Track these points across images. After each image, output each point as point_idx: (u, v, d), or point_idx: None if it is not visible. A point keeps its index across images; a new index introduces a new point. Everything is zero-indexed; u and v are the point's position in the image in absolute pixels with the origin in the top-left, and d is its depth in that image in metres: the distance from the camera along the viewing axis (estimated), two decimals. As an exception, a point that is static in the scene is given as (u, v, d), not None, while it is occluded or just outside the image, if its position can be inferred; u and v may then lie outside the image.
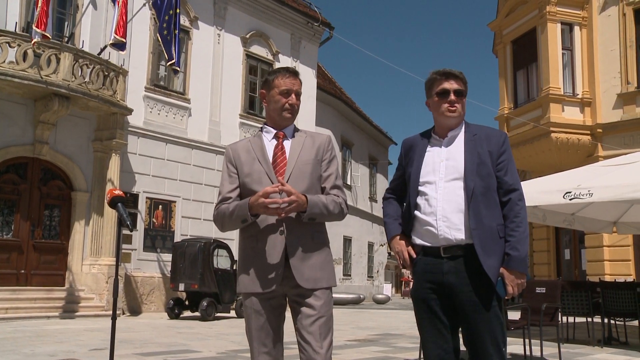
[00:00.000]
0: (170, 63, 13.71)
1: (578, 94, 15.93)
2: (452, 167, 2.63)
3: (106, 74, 13.57)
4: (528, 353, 6.05)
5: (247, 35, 18.46)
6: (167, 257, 14.87)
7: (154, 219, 15.50)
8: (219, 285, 13.13)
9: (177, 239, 15.47)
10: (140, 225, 15.10)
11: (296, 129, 2.73)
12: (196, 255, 13.18)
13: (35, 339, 8.19)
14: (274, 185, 2.45)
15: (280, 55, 19.44)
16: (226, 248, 14.02)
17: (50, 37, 11.95)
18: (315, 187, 2.60)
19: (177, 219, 16.03)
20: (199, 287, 12.99)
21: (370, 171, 30.41)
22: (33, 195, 13.37)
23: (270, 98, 2.67)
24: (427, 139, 2.77)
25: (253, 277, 2.53)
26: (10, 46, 12.08)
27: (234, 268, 13.77)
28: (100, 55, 13.75)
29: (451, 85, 2.66)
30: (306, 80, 18.32)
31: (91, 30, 14.37)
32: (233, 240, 14.98)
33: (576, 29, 16.19)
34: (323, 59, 68.72)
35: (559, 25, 16.08)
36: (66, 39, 13.82)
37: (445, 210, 2.58)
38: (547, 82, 15.75)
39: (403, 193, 2.89)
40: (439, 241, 2.59)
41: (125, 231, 13.13)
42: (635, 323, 8.54)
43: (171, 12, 13.56)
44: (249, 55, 18.58)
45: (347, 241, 27.06)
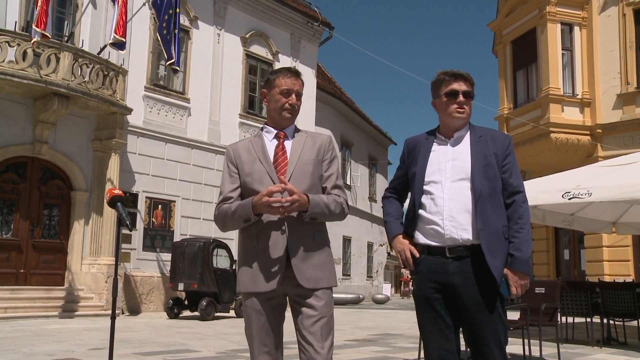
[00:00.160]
0: (169, 62, 13.72)
1: (578, 95, 15.94)
2: (459, 168, 2.64)
3: (106, 73, 13.57)
4: (527, 353, 6.05)
5: (247, 35, 18.46)
6: (167, 257, 14.87)
7: (153, 219, 15.50)
8: (218, 285, 13.13)
9: (177, 238, 15.47)
10: (140, 224, 15.10)
11: (297, 129, 2.73)
12: (195, 254, 13.18)
13: (35, 338, 8.18)
14: (277, 184, 2.46)
15: (280, 55, 19.44)
16: (225, 248, 14.02)
17: (50, 37, 11.93)
18: (316, 187, 2.60)
19: (177, 219, 16.02)
20: (198, 287, 12.99)
21: (369, 171, 30.42)
22: (32, 194, 13.36)
23: (270, 97, 2.67)
24: (432, 139, 2.77)
25: (254, 277, 2.53)
26: (9, 45, 12.07)
27: (234, 268, 13.77)
28: (100, 55, 13.74)
29: (460, 86, 2.68)
30: (306, 80, 18.16)
31: (91, 29, 14.37)
32: (232, 240, 14.98)
33: (576, 29, 16.20)
34: (323, 58, 68.75)
35: (558, 25, 16.09)
36: (66, 39, 13.82)
37: (451, 210, 2.59)
38: (547, 83, 15.76)
39: (404, 192, 2.89)
40: (444, 241, 2.59)
41: (125, 231, 13.14)
42: (634, 323, 8.54)
43: (171, 12, 13.56)
44: (249, 55, 18.58)
45: (347, 241, 27.07)
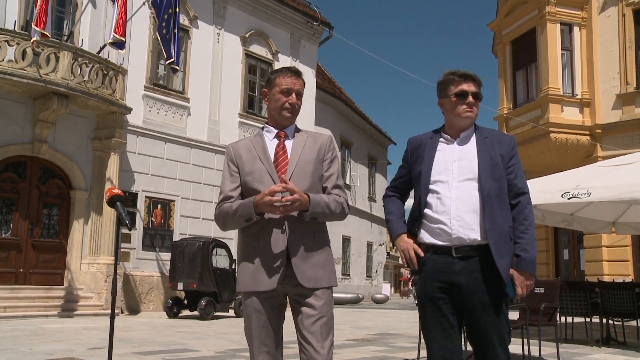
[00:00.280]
0: (169, 62, 13.71)
1: (577, 95, 15.94)
2: (466, 168, 2.65)
3: (105, 72, 13.56)
4: (526, 353, 6.05)
5: (247, 35, 18.45)
6: (166, 256, 14.87)
7: (152, 218, 15.50)
8: (217, 285, 13.13)
9: (176, 238, 15.47)
10: (139, 224, 15.10)
11: (298, 129, 2.73)
12: (195, 254, 13.18)
13: (34, 337, 8.18)
14: (277, 183, 2.46)
15: (279, 55, 19.44)
16: (225, 247, 14.02)
17: (50, 36, 11.92)
18: (317, 187, 2.61)
19: (176, 218, 16.02)
20: (197, 287, 12.99)
21: (369, 171, 30.42)
22: (32, 194, 13.36)
23: (271, 97, 2.68)
24: (437, 139, 2.77)
25: (254, 276, 2.53)
26: (9, 44, 12.07)
27: (233, 267, 13.77)
28: (99, 54, 13.73)
29: (469, 87, 2.69)
30: (305, 80, 18.17)
31: (90, 29, 14.36)
32: (232, 239, 14.99)
33: (576, 29, 16.20)
34: (322, 58, 68.76)
35: (558, 25, 16.09)
36: (65, 38, 13.81)
37: (459, 209, 2.59)
38: (547, 83, 15.76)
39: (406, 191, 2.90)
40: (451, 240, 2.59)
41: (124, 230, 13.13)
42: (633, 323, 8.55)
43: (170, 11, 13.55)
44: (249, 55, 18.57)
45: (346, 241, 27.07)
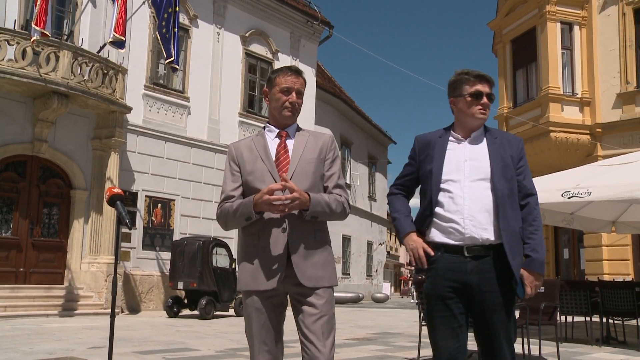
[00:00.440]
0: (169, 61, 13.70)
1: (577, 94, 15.93)
2: (478, 168, 2.65)
3: (105, 72, 13.56)
4: (527, 352, 6.05)
5: (247, 34, 18.45)
6: (166, 256, 14.87)
7: (153, 218, 15.50)
8: (217, 284, 13.13)
9: (176, 237, 15.48)
10: (140, 223, 15.10)
11: (299, 128, 2.73)
12: (195, 253, 13.18)
13: (34, 336, 8.19)
14: (278, 182, 2.46)
15: (279, 54, 19.44)
16: (225, 247, 14.02)
17: (50, 35, 11.92)
18: (318, 186, 2.61)
19: (176, 218, 16.02)
20: (197, 286, 13.00)
21: (369, 170, 30.41)
22: (32, 193, 13.36)
23: (272, 96, 2.68)
24: (446, 138, 2.77)
25: (254, 275, 2.53)
26: (9, 44, 12.07)
27: (233, 267, 13.78)
28: (99, 54, 13.73)
29: (484, 88, 2.69)
30: (306, 79, 18.21)
31: (90, 28, 14.35)
32: (232, 238, 14.99)
33: (576, 28, 16.19)
34: (322, 57, 68.68)
35: (558, 24, 16.08)
36: (65, 37, 13.80)
37: (472, 209, 2.59)
38: (547, 82, 15.75)
39: (412, 189, 2.89)
40: (464, 240, 2.59)
41: (124, 229, 13.14)
42: (633, 322, 8.56)
43: (170, 10, 13.54)
44: (249, 54, 18.57)
45: (346, 240, 27.07)
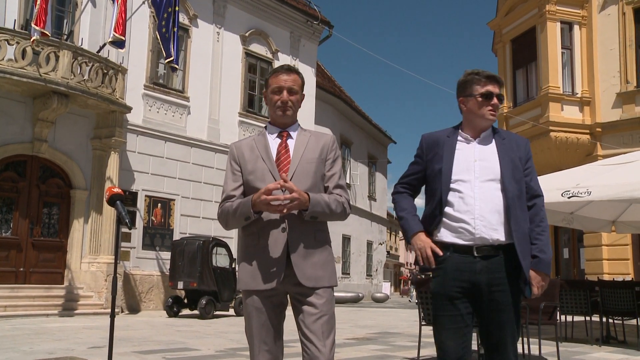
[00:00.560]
0: (168, 61, 13.70)
1: (577, 93, 15.93)
2: (487, 169, 2.66)
3: (105, 71, 13.56)
4: (526, 352, 6.05)
5: (247, 34, 18.44)
6: (166, 255, 14.87)
7: (152, 217, 15.50)
8: (217, 284, 13.13)
9: (176, 237, 15.48)
10: (139, 223, 15.10)
11: (301, 128, 2.73)
12: (195, 253, 13.18)
13: (34, 336, 8.19)
14: (275, 182, 2.46)
15: (279, 54, 19.44)
16: (225, 246, 14.02)
17: (49, 35, 11.91)
18: (318, 186, 2.61)
19: (176, 217, 16.02)
20: (197, 285, 12.99)
21: (369, 170, 30.42)
22: (32, 193, 13.36)
23: (267, 97, 2.70)
24: (455, 137, 2.77)
25: (254, 275, 2.53)
26: (9, 44, 12.07)
27: (233, 266, 13.79)
28: (99, 53, 13.73)
29: (495, 89, 2.70)
30: (305, 79, 18.14)
31: (90, 28, 14.35)
32: (232, 238, 15.00)
33: (576, 28, 16.19)
34: (322, 57, 68.72)
35: (558, 24, 16.08)
36: (65, 37, 13.80)
37: (483, 209, 2.60)
38: (547, 81, 15.75)
39: (418, 188, 2.89)
40: (474, 240, 2.60)
41: (124, 229, 13.14)
42: (633, 322, 8.56)
43: (170, 10, 13.54)
44: (248, 54, 18.56)
45: (346, 239, 27.08)
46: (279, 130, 2.68)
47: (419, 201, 2.92)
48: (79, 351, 6.69)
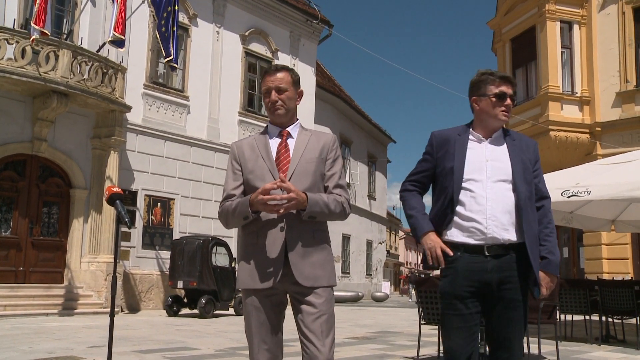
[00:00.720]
0: (168, 60, 13.69)
1: (577, 93, 15.93)
2: (499, 169, 2.66)
3: (105, 71, 13.56)
4: (526, 351, 6.06)
5: (246, 33, 18.44)
6: (166, 255, 14.87)
7: (152, 217, 15.50)
8: (217, 283, 13.13)
9: (176, 236, 15.48)
10: (139, 222, 15.10)
11: (302, 128, 2.73)
12: (195, 252, 13.18)
13: (34, 336, 8.19)
14: (272, 181, 2.46)
15: (279, 53, 19.44)
16: (225, 245, 14.02)
17: (49, 34, 11.91)
18: (318, 186, 2.61)
19: (176, 217, 16.03)
20: (197, 285, 13.00)
21: (369, 169, 30.42)
22: (31, 192, 13.36)
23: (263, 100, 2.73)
24: (466, 136, 2.76)
25: (253, 274, 2.54)
26: (8, 43, 12.06)
27: (233, 265, 13.79)
28: (99, 53, 13.73)
29: (508, 90, 2.70)
30: (305, 78, 18.26)
31: (90, 27, 14.35)
32: (232, 237, 15.00)
33: (575, 27, 16.19)
34: (322, 56, 68.70)
35: (558, 23, 16.08)
36: (65, 36, 13.80)
37: (494, 209, 2.61)
38: (546, 81, 15.75)
39: (427, 186, 2.88)
40: (485, 240, 2.60)
41: (124, 228, 13.12)
42: (633, 321, 8.55)
43: (170, 9, 13.53)
44: (248, 53, 18.56)
45: (346, 239, 27.09)
46: (279, 129, 2.69)
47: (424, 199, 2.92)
48: (78, 350, 6.69)
